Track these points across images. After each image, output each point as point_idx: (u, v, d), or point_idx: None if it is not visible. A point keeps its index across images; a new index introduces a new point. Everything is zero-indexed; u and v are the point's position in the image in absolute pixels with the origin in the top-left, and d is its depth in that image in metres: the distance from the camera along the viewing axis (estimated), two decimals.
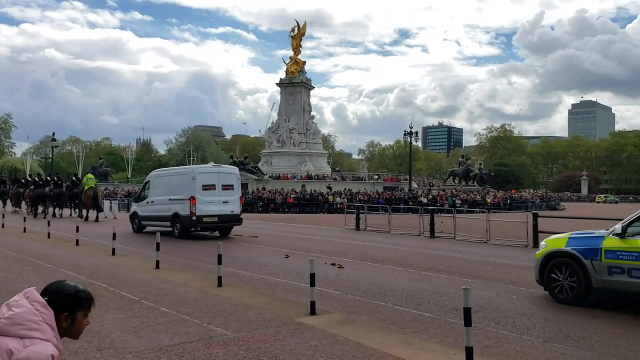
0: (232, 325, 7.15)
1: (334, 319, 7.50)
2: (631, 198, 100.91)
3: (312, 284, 7.82)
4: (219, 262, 9.99)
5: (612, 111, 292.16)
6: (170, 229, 19.22)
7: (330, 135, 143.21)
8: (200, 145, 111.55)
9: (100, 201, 28.79)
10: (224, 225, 19.84)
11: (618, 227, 8.36)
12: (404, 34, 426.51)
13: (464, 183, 68.17)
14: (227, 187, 19.53)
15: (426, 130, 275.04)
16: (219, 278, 9.89)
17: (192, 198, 18.54)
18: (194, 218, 18.62)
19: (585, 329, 7.14)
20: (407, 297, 9.08)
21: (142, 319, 7.49)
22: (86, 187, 27.12)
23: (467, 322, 5.53)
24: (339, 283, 10.34)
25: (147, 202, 20.99)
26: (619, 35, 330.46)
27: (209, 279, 10.47)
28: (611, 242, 8.34)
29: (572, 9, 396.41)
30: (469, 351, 5.48)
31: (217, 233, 20.12)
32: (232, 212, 19.43)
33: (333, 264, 12.64)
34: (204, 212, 18.70)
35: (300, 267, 11.70)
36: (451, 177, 72.63)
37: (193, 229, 19.29)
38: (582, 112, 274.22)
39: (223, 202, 19.14)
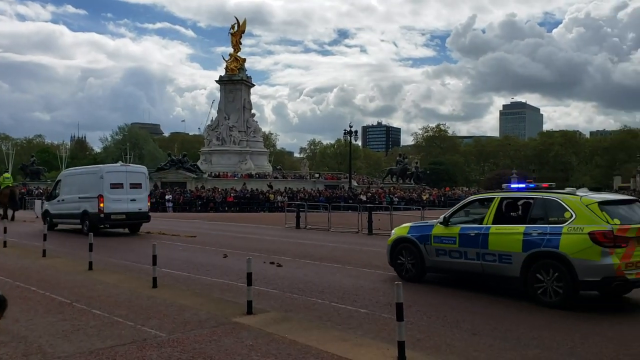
0: (167, 327, 7.05)
1: (271, 318, 7.53)
2: None
3: (249, 283, 7.82)
4: (154, 263, 9.81)
5: (541, 112, 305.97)
6: (80, 226, 19.98)
7: (272, 134, 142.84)
8: (137, 143, 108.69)
9: (17, 200, 28.56)
10: (132, 223, 20.69)
11: (442, 217, 10.26)
12: (343, 34, 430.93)
13: (401, 181, 69.52)
14: (135, 186, 20.41)
15: (366, 129, 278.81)
16: (154, 279, 9.72)
17: (100, 196, 19.36)
18: (102, 215, 19.46)
19: (511, 322, 7.48)
20: (344, 294, 9.22)
21: (73, 322, 7.27)
22: (2, 186, 26.51)
23: (399, 317, 5.69)
24: (277, 282, 10.36)
25: (58, 201, 21.62)
26: (545, 39, 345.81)
27: (143, 280, 10.27)
28: (438, 230, 10.14)
29: (502, 13, 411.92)
30: (401, 345, 5.65)
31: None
32: (140, 209, 20.38)
33: (272, 263, 12.64)
34: (111, 210, 19.53)
35: (238, 267, 11.62)
36: (389, 176, 73.88)
37: (102, 225, 19.98)
38: (512, 113, 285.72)
39: (131, 200, 20.04)
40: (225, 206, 44.80)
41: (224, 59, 69.22)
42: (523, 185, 10.19)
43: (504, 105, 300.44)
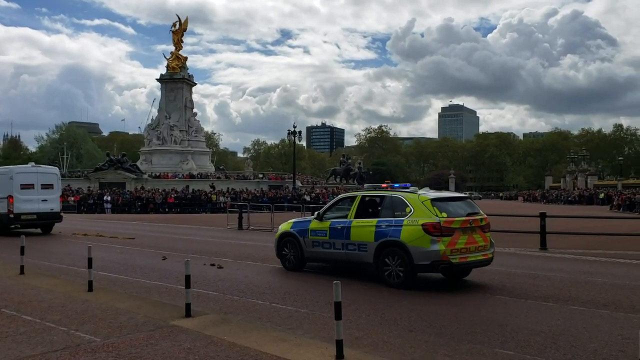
0: (102, 331, 6.87)
1: (210, 320, 7.45)
2: (492, 194, 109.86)
3: (188, 285, 7.72)
4: (90, 266, 9.53)
5: (477, 114, 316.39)
6: None
7: (214, 133, 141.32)
8: (75, 142, 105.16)
9: None
10: (43, 223, 21.10)
11: (317, 213, 11.65)
12: (286, 35, 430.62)
13: (344, 181, 70.20)
14: (47, 187, 20.77)
15: (310, 130, 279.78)
16: (90, 282, 9.44)
17: (10, 197, 19.71)
18: (12, 216, 19.83)
19: (446, 318, 7.69)
20: (285, 295, 9.24)
21: (1, 329, 6.97)
22: None
23: (338, 316, 5.77)
24: (218, 283, 10.28)
25: None
26: (481, 43, 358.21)
27: (78, 284, 9.96)
28: (314, 225, 11.46)
29: (440, 17, 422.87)
30: (339, 344, 5.73)
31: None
32: (51, 210, 20.84)
33: (212, 265, 12.52)
34: (22, 210, 19.96)
35: (177, 269, 11.43)
36: (333, 176, 74.51)
37: (12, 226, 20.19)
38: (450, 115, 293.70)
39: (42, 200, 20.45)
40: (165, 207, 43.98)
41: (165, 57, 68.16)
42: (384, 186, 11.50)
43: (442, 108, 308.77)
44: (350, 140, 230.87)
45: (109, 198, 43.79)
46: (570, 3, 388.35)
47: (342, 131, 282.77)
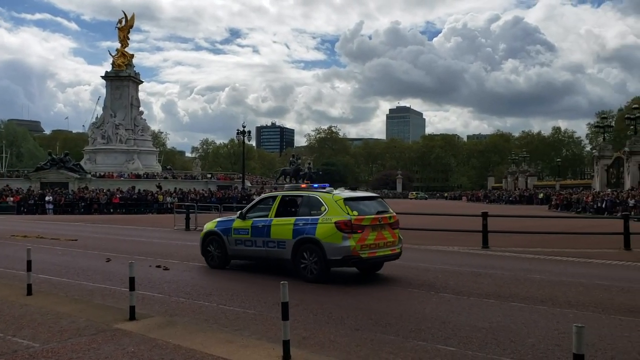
0: (41, 336, 6.65)
1: (155, 323, 7.33)
2: (438, 195, 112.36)
3: (132, 288, 7.56)
4: (29, 269, 9.20)
5: (423, 116, 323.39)
6: None
7: (161, 133, 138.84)
8: (15, 140, 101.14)
9: None
10: None
11: (240, 212, 12.08)
12: (235, 34, 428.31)
13: (294, 182, 70.17)
14: None
15: (260, 129, 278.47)
16: (29, 286, 9.11)
17: None
18: None
19: (391, 316, 7.83)
20: (232, 296, 9.19)
21: None
22: None
23: (285, 316, 5.79)
24: (163, 285, 10.11)
25: None
26: (426, 46, 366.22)
27: (17, 288, 9.60)
28: (237, 224, 11.85)
29: (387, 20, 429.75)
30: (286, 344, 5.75)
31: None
32: None
33: (158, 266, 12.30)
34: None
35: (122, 271, 11.17)
36: (283, 176, 74.33)
37: None
38: (397, 117, 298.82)
39: None
40: (110, 208, 42.85)
41: (110, 54, 66.44)
42: (304, 186, 12.29)
43: (390, 110, 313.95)
44: (300, 141, 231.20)
45: (50, 198, 42.27)
46: (512, 9, 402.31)
47: (292, 131, 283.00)
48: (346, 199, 10.71)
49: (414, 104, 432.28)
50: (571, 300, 8.98)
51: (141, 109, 68.85)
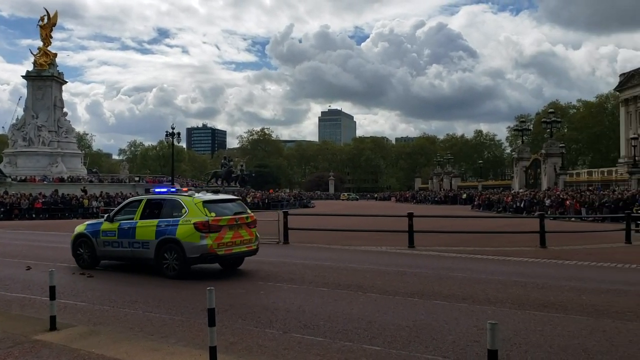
0: None
1: (77, 333, 7.11)
2: (369, 195, 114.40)
3: (52, 297, 7.30)
4: None
5: (354, 119, 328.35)
6: None
7: (87, 134, 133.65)
8: None
9: None
10: None
11: (107, 215, 12.88)
12: (163, 34, 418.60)
13: (226, 184, 69.50)
14: None
15: (190, 131, 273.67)
16: None
17: None
18: None
19: (320, 317, 7.95)
20: (158, 302, 9.04)
21: None
22: None
23: (211, 322, 5.77)
24: (87, 293, 9.81)
25: None
26: (355, 51, 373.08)
27: None
28: (105, 226, 12.51)
29: (317, 24, 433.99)
30: (212, 350, 5.73)
31: None
32: None
33: (82, 274, 11.91)
34: None
35: (43, 280, 10.64)
36: (214, 179, 73.43)
37: None
38: (329, 119, 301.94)
39: None
40: (32, 213, 40.83)
41: (32, 52, 63.30)
42: (165, 189, 13.48)
43: (322, 112, 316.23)
44: (232, 142, 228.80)
45: None
46: (436, 16, 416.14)
47: (223, 133, 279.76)
48: (205, 202, 11.67)
49: (345, 106, 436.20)
50: (490, 297, 9.42)
51: (65, 110, 66.01)
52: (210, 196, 12.43)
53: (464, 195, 67.26)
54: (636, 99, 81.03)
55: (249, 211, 12.55)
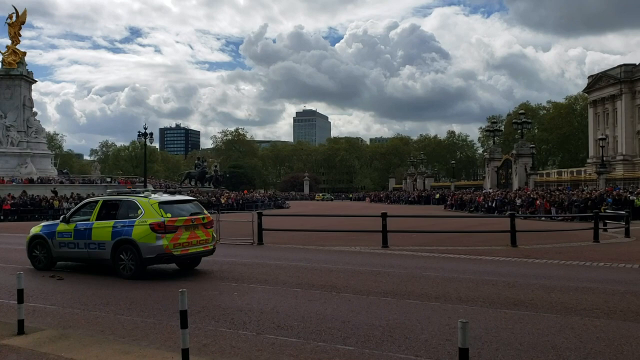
0: None
1: (46, 336, 6.98)
2: (343, 196, 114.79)
3: (20, 300, 7.17)
4: None
5: (329, 119, 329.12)
6: None
7: (57, 134, 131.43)
8: None
9: None
10: None
11: (63, 216, 12.94)
12: (135, 33, 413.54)
13: (200, 185, 68.98)
14: None
15: (163, 131, 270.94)
16: None
17: None
18: None
19: (294, 319, 7.94)
20: (130, 305, 8.93)
21: None
22: None
23: (184, 324, 5.72)
24: (57, 296, 9.64)
25: None
26: (329, 51, 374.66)
27: None
28: (61, 227, 12.58)
29: (291, 24, 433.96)
30: (185, 352, 5.68)
31: None
32: None
33: (52, 277, 11.72)
34: None
35: (11, 282, 10.48)
36: (188, 179, 72.80)
37: None
38: (304, 120, 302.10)
39: None
40: (1, 215, 39.96)
41: (0, 51, 61.79)
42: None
43: (297, 112, 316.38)
44: (206, 143, 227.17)
45: None
46: (409, 17, 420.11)
47: (197, 133, 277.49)
48: (161, 203, 11.80)
49: (319, 107, 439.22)
50: (462, 296, 9.54)
51: (35, 109, 64.67)
52: (166, 197, 12.57)
53: (437, 195, 67.90)
54: (604, 101, 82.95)
55: (205, 212, 12.75)
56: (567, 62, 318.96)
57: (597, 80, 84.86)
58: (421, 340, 6.80)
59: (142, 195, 12.27)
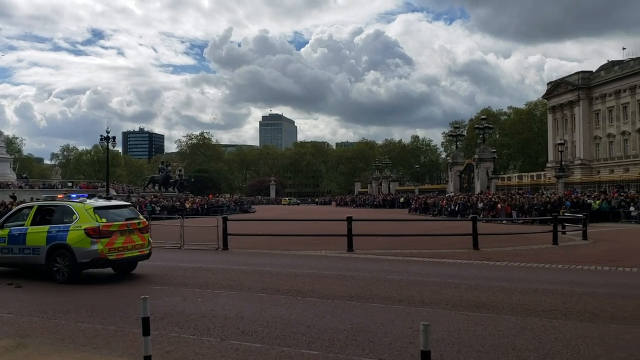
0: None
1: (3, 346, 6.78)
2: (310, 200, 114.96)
3: None
4: None
5: (295, 124, 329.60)
6: None
7: (16, 138, 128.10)
8: None
9: None
10: None
11: None
12: (97, 35, 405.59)
13: (164, 189, 68.06)
14: None
15: (126, 135, 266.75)
16: None
17: None
18: None
19: (258, 324, 7.91)
20: (91, 312, 8.75)
21: None
22: None
23: (146, 331, 5.64)
24: (14, 304, 9.39)
25: None
26: (295, 56, 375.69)
27: None
28: None
29: (256, 28, 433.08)
30: None
31: None
32: None
33: (10, 284, 11.40)
34: None
35: None
36: (151, 184, 71.74)
37: None
38: (270, 124, 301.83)
39: None
40: None
41: None
42: (61, 196, 13.58)
43: (263, 117, 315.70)
44: (170, 147, 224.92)
45: None
46: (374, 23, 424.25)
47: (161, 137, 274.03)
48: (96, 208, 11.94)
49: (285, 111, 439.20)
50: (425, 298, 9.67)
51: None
52: (101, 202, 12.67)
53: (402, 199, 68.52)
54: (562, 107, 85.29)
55: (141, 217, 13.01)
56: (527, 69, 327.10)
57: (555, 87, 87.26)
58: (385, 343, 6.86)
59: (77, 200, 12.36)
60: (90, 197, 13.24)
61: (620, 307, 8.89)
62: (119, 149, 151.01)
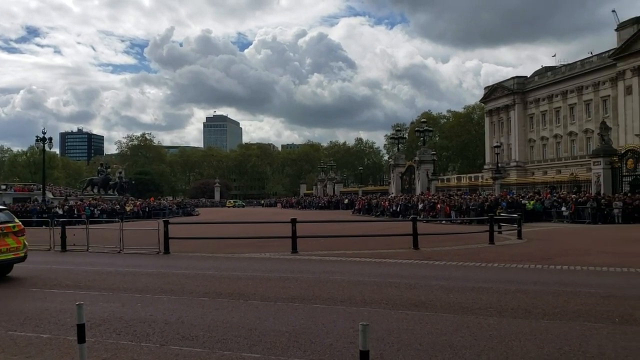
0: None
1: None
2: (255, 202, 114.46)
3: None
4: None
5: (240, 125, 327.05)
6: None
7: None
8: None
9: None
10: None
11: None
12: (33, 32, 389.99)
13: (103, 192, 66.11)
14: None
15: (64, 136, 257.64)
16: None
17: None
18: None
19: (200, 329, 7.82)
20: (24, 320, 8.42)
21: None
22: None
23: (81, 339, 5.50)
24: None
25: None
26: (238, 56, 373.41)
27: None
28: None
29: (199, 28, 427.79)
30: None
31: None
32: None
33: None
34: None
35: None
36: (90, 186, 69.49)
37: None
38: (214, 125, 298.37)
39: None
40: None
41: None
42: None
43: (207, 118, 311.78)
44: (110, 148, 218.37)
45: None
46: (317, 26, 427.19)
47: (101, 138, 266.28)
48: None
49: (230, 112, 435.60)
50: (366, 298, 9.82)
51: None
52: None
53: (346, 201, 69.25)
54: (499, 110, 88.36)
55: (16, 220, 13.23)
56: (465, 73, 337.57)
57: (492, 91, 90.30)
58: (326, 344, 6.93)
59: None
60: None
61: (551, 304, 9.30)
62: (56, 150, 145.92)
